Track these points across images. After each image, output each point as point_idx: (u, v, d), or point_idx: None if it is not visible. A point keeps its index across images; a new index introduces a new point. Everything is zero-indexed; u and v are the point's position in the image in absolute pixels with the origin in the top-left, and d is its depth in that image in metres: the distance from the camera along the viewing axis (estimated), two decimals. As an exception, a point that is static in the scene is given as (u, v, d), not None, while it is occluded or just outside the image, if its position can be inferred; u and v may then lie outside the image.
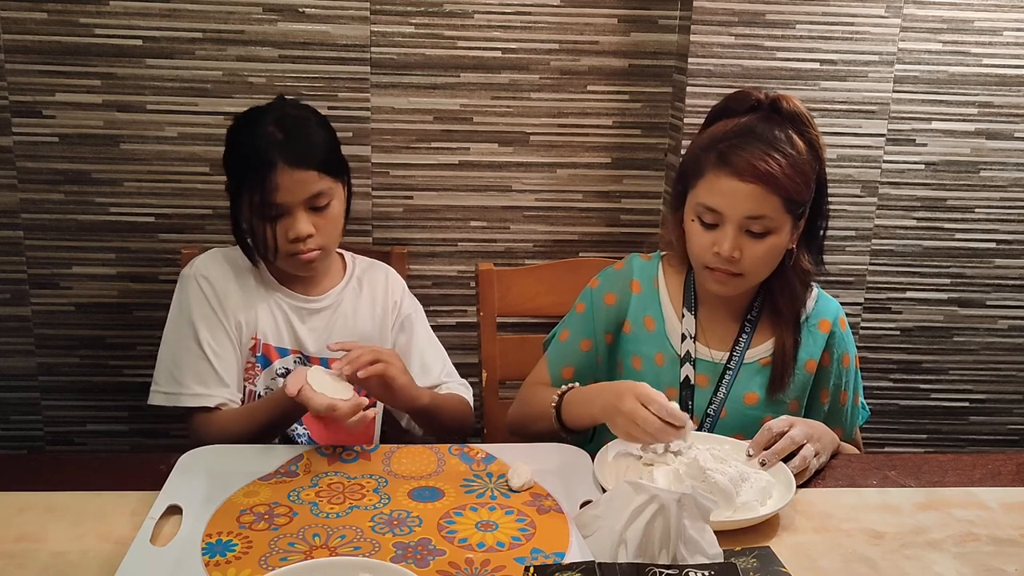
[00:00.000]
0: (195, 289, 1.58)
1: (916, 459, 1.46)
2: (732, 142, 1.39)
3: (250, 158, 1.52)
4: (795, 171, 1.38)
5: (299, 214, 1.53)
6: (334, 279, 1.69)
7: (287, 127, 1.54)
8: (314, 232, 1.54)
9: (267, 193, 1.50)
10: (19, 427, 2.16)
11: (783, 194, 1.38)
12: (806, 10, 1.98)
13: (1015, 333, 2.25)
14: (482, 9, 2.03)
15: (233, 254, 1.64)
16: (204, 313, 1.57)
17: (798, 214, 1.43)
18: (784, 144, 1.39)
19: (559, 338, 1.61)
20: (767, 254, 1.42)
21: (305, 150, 1.53)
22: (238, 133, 1.58)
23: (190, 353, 1.56)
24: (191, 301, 1.58)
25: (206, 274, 1.59)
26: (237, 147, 1.58)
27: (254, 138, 1.53)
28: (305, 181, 1.52)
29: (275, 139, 1.52)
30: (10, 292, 2.08)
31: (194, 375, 1.55)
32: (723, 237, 1.40)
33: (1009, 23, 2.05)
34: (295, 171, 1.51)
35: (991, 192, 2.15)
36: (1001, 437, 2.32)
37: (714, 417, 1.50)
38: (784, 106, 1.43)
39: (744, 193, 1.38)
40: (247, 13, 1.98)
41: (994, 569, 1.16)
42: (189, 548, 1.11)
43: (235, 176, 1.57)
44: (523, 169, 2.13)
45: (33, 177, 2.02)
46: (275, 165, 1.50)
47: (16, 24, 1.94)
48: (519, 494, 1.27)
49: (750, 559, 1.12)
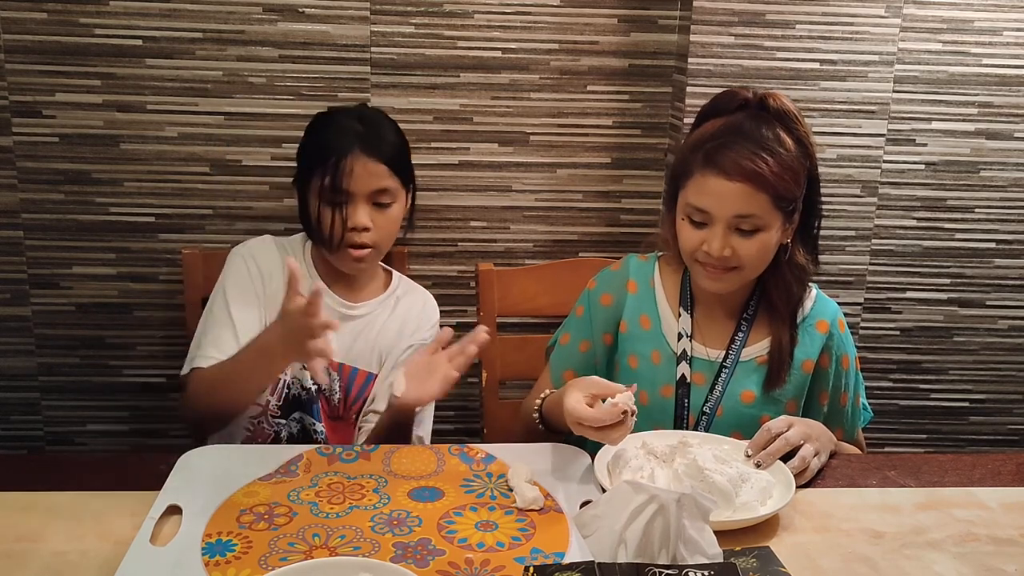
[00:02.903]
0: (240, 265, 1.63)
1: (916, 459, 1.46)
2: (719, 141, 1.40)
3: (328, 143, 1.58)
4: (783, 168, 1.39)
5: (361, 204, 1.58)
6: (375, 291, 1.71)
7: (366, 121, 1.63)
8: (371, 227, 1.58)
9: (337, 177, 1.55)
10: (19, 427, 2.15)
11: (771, 192, 1.38)
12: (806, 10, 1.98)
13: (1015, 333, 2.25)
14: (482, 9, 2.03)
15: (287, 244, 1.69)
16: (242, 288, 1.60)
17: (788, 211, 1.43)
18: (772, 142, 1.40)
19: (560, 342, 1.62)
20: (759, 251, 1.43)
21: (380, 143, 1.61)
22: (317, 123, 1.66)
23: (218, 321, 1.58)
24: (233, 274, 1.62)
25: (255, 255, 1.64)
26: (315, 135, 1.64)
27: (333, 127, 1.61)
28: (375, 173, 1.58)
29: (354, 128, 1.60)
30: (10, 292, 2.08)
31: (214, 340, 1.56)
32: (712, 236, 1.41)
33: (1009, 23, 2.05)
34: (368, 160, 1.58)
35: (991, 192, 2.15)
36: (1001, 437, 2.32)
37: (710, 415, 1.50)
38: (771, 104, 1.44)
39: (732, 192, 1.38)
40: (247, 13, 1.98)
41: (994, 569, 1.16)
42: (189, 548, 1.11)
43: (308, 162, 1.61)
44: (523, 169, 2.13)
45: (33, 177, 2.02)
46: (350, 150, 1.57)
47: (16, 24, 1.94)
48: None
49: (750, 559, 1.12)
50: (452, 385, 1.45)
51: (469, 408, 2.23)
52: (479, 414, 1.94)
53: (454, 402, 2.22)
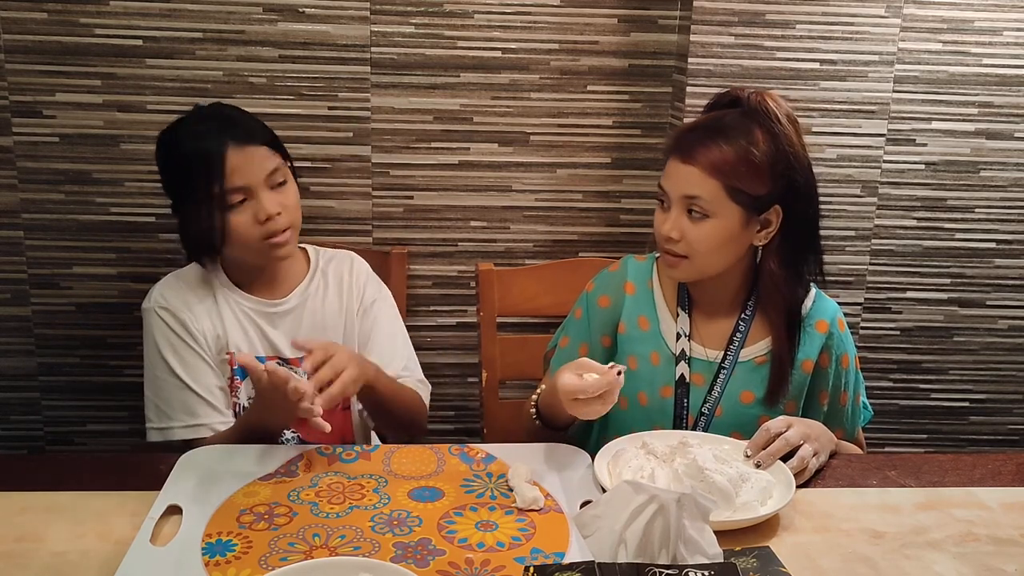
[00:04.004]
0: (157, 321, 1.55)
1: (916, 459, 1.46)
2: (691, 132, 1.46)
3: (198, 154, 1.49)
4: (739, 159, 1.41)
5: (263, 194, 1.50)
6: (298, 277, 1.65)
7: (222, 115, 1.55)
8: (280, 210, 1.52)
9: (226, 179, 1.47)
10: (19, 427, 2.16)
11: (722, 180, 1.41)
12: (806, 10, 1.98)
13: (1015, 333, 2.25)
14: (482, 9, 2.03)
15: (189, 274, 1.61)
16: (172, 343, 1.54)
17: (750, 207, 1.43)
18: (738, 135, 1.42)
19: (560, 345, 1.62)
20: (708, 237, 1.44)
21: (248, 128, 1.53)
22: (171, 141, 1.55)
23: (169, 385, 1.53)
24: (156, 334, 1.55)
25: (164, 303, 1.56)
26: (177, 152, 1.53)
27: (193, 137, 1.51)
28: (260, 157, 1.51)
29: (215, 127, 1.51)
30: (10, 292, 2.08)
31: (180, 406, 1.52)
32: (667, 217, 1.45)
33: (1009, 23, 2.05)
34: (247, 148, 1.50)
35: (991, 192, 2.15)
36: (1001, 437, 2.32)
37: (709, 415, 1.50)
38: (753, 99, 1.45)
39: (685, 174, 1.43)
40: (247, 13, 1.98)
41: (994, 569, 1.16)
42: (189, 548, 1.11)
43: (184, 183, 1.52)
44: (523, 169, 2.13)
45: (33, 177, 2.02)
46: (226, 147, 1.48)
47: (16, 24, 1.94)
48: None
49: (750, 559, 1.12)
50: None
51: (469, 408, 2.24)
52: (479, 414, 1.94)
53: (454, 402, 2.22)
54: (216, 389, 1.55)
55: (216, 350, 1.56)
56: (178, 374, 1.53)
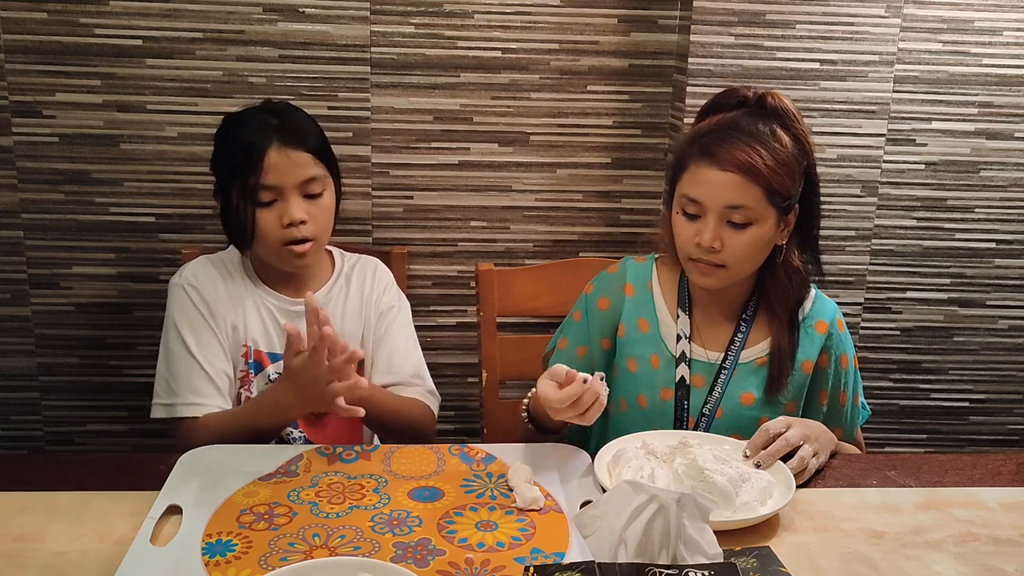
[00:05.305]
0: (183, 297, 1.57)
1: (916, 459, 1.46)
2: (715, 135, 1.42)
3: (244, 144, 1.52)
4: (777, 163, 1.39)
5: (293, 199, 1.53)
6: (322, 280, 1.67)
7: (279, 113, 1.57)
8: (307, 219, 1.53)
9: (261, 174, 1.50)
10: (19, 427, 2.16)
11: (764, 185, 1.39)
12: (806, 10, 1.98)
13: (1015, 333, 2.25)
14: (482, 9, 2.03)
15: (222, 259, 1.64)
16: (193, 321, 1.56)
17: (783, 207, 1.43)
18: (767, 137, 1.41)
19: (558, 347, 1.61)
20: (749, 245, 1.43)
21: (298, 132, 1.55)
22: (229, 128, 1.59)
23: (182, 362, 1.54)
24: (180, 310, 1.57)
25: (194, 282, 1.58)
26: (229, 139, 1.57)
27: (247, 126, 1.55)
28: (300, 163, 1.53)
29: (268, 123, 1.54)
30: (10, 292, 2.08)
31: (187, 384, 1.53)
32: (704, 227, 1.42)
33: (1009, 23, 2.05)
34: (290, 151, 1.52)
35: (991, 192, 2.15)
36: (1001, 437, 2.32)
37: (709, 417, 1.50)
38: (769, 102, 1.45)
39: (724, 182, 1.39)
40: (247, 13, 1.98)
41: (994, 569, 1.16)
42: (189, 548, 1.11)
43: (227, 168, 1.56)
44: (523, 169, 2.13)
45: (33, 177, 2.02)
46: (269, 145, 1.51)
47: (16, 24, 1.94)
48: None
49: (750, 559, 1.12)
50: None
51: (469, 408, 2.24)
52: (479, 414, 1.94)
53: (454, 402, 2.22)
54: (223, 373, 1.56)
55: (233, 340, 1.58)
56: (191, 349, 1.54)
